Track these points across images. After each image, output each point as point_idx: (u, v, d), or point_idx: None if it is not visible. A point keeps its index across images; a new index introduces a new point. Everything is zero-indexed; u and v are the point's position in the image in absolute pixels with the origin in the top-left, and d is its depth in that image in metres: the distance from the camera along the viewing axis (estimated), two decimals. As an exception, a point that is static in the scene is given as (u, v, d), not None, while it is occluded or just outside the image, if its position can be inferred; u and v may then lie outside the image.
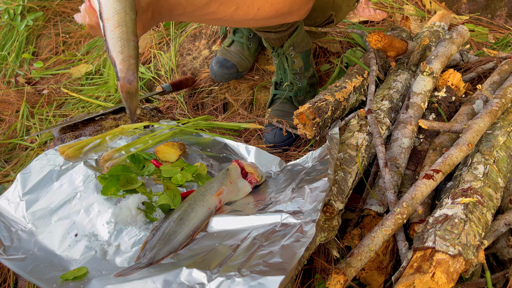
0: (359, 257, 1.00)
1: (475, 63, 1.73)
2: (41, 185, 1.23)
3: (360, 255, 1.00)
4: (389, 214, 1.06)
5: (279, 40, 1.53)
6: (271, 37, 1.49)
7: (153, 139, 1.41)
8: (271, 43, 1.56)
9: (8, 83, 2.31)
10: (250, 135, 1.69)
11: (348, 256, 1.00)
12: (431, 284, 0.88)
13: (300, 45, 1.58)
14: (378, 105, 1.43)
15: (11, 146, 1.84)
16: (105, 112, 1.60)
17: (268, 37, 1.50)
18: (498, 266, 1.16)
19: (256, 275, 0.84)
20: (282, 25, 1.42)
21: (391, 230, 1.04)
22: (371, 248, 1.01)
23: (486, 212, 1.04)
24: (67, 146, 1.33)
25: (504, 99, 1.30)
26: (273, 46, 1.57)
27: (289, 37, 1.52)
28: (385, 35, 1.46)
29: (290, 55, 1.58)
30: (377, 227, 1.04)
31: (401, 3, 2.36)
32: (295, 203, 1.03)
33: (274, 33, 1.47)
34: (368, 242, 1.02)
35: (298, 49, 1.59)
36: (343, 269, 0.97)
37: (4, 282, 1.21)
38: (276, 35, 1.48)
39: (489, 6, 2.28)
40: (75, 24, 2.60)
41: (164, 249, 1.01)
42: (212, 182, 1.18)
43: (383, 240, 1.03)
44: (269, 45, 1.58)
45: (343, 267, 0.97)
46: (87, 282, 0.95)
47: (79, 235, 1.10)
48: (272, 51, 1.60)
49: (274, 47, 1.58)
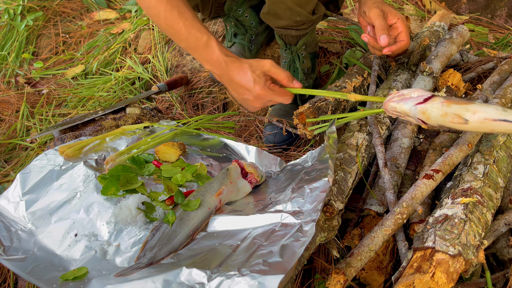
0: (359, 257, 1.00)
1: (475, 63, 1.73)
2: (41, 185, 1.23)
3: (360, 255, 1.00)
4: (389, 214, 1.06)
5: (296, 38, 1.55)
6: (292, 34, 1.51)
7: (154, 140, 1.41)
8: (287, 40, 1.58)
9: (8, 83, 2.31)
10: (250, 135, 1.69)
11: (348, 256, 1.00)
12: (431, 284, 0.88)
13: (311, 46, 1.62)
14: (378, 105, 1.43)
15: (11, 146, 1.84)
16: (105, 112, 1.60)
17: (288, 33, 1.52)
18: (498, 266, 1.16)
19: (256, 275, 0.85)
20: (304, 23, 1.45)
21: (391, 230, 1.04)
22: (371, 248, 1.01)
23: (486, 212, 1.04)
24: (67, 146, 1.33)
25: (504, 99, 1.30)
26: (287, 43, 1.59)
27: (304, 36, 1.55)
28: (385, 35, 1.46)
29: (301, 54, 1.61)
30: (377, 227, 1.04)
31: (401, 3, 2.36)
32: (295, 203, 1.03)
33: (295, 30, 1.49)
34: (368, 242, 1.02)
35: (309, 49, 1.62)
36: (343, 269, 0.97)
37: (4, 282, 1.21)
38: (296, 32, 1.50)
39: (489, 6, 2.28)
40: (75, 24, 2.60)
41: (164, 249, 1.01)
42: (212, 182, 1.18)
43: (383, 240, 1.03)
44: (284, 42, 1.59)
45: (343, 267, 0.97)
46: (87, 282, 0.95)
47: (79, 235, 1.10)
48: (285, 48, 1.61)
49: (288, 45, 1.60)
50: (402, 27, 1.25)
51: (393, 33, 1.27)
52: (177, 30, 1.18)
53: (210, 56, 1.19)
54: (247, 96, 1.19)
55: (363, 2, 1.30)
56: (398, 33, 1.27)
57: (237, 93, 1.22)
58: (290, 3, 1.34)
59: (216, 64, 1.19)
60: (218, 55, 1.18)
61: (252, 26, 1.79)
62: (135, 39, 2.29)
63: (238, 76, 1.17)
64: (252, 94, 1.17)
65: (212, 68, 1.21)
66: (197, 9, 1.64)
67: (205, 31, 1.18)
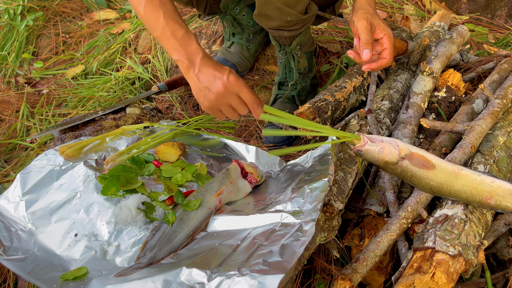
0: (365, 263, 0.99)
1: (475, 63, 1.73)
2: (41, 185, 1.23)
3: (366, 261, 0.99)
4: (393, 219, 1.05)
5: (290, 38, 1.55)
6: (284, 35, 1.51)
7: (154, 140, 1.41)
8: (281, 41, 1.58)
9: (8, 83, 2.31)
10: (250, 135, 1.69)
11: (354, 262, 0.99)
12: (431, 284, 0.88)
13: (306, 45, 1.61)
14: (378, 105, 1.43)
15: (11, 146, 1.84)
16: (105, 112, 1.60)
17: (281, 35, 1.51)
18: (498, 266, 1.16)
19: (256, 274, 0.85)
20: (296, 24, 1.44)
21: (396, 235, 1.03)
22: (376, 254, 1.01)
23: (486, 212, 1.04)
24: (67, 146, 1.33)
25: (505, 99, 1.30)
26: (281, 44, 1.59)
27: (297, 36, 1.54)
28: (385, 35, 1.46)
29: (296, 54, 1.61)
30: (382, 231, 1.04)
31: (401, 3, 2.36)
32: (295, 203, 1.03)
33: (287, 31, 1.48)
34: (374, 247, 1.01)
35: (304, 49, 1.61)
36: (349, 275, 0.96)
37: (4, 282, 1.21)
38: (288, 33, 1.50)
39: (489, 6, 2.28)
40: (75, 24, 2.60)
41: (164, 249, 1.01)
42: (212, 182, 1.18)
43: (388, 245, 1.03)
44: (278, 43, 1.60)
45: (349, 273, 0.96)
46: (87, 282, 0.95)
47: (79, 235, 1.10)
48: (280, 49, 1.61)
49: (282, 46, 1.60)
50: (387, 43, 1.20)
51: (378, 48, 1.22)
52: (156, 18, 1.19)
53: (186, 47, 1.19)
54: (215, 84, 1.18)
55: (355, 10, 1.26)
56: (382, 49, 1.22)
57: (203, 81, 1.20)
58: (278, 3, 1.33)
59: (189, 55, 1.20)
60: (196, 47, 1.20)
61: (249, 25, 1.78)
62: (135, 39, 2.29)
63: (213, 67, 1.19)
64: (220, 83, 1.17)
65: (182, 58, 1.20)
66: (192, 4, 1.63)
67: (184, 26, 1.21)
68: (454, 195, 1.01)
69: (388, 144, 0.99)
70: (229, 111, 1.22)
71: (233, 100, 1.20)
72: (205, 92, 1.20)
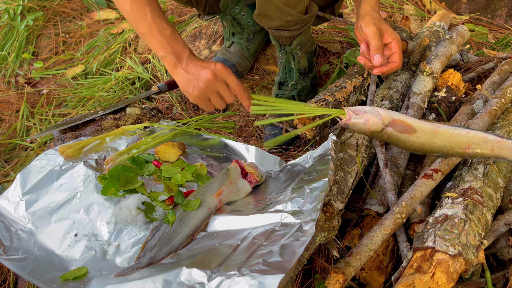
0: (358, 257, 0.99)
1: (475, 63, 1.73)
2: (41, 185, 1.23)
3: (359, 255, 1.00)
4: (388, 214, 1.06)
5: (290, 38, 1.55)
6: (284, 35, 1.51)
7: (154, 140, 1.41)
8: (281, 41, 1.58)
9: (8, 83, 2.31)
10: (250, 135, 1.69)
11: (347, 256, 1.00)
12: (431, 284, 0.88)
13: (306, 45, 1.62)
14: (378, 105, 1.43)
15: (11, 146, 1.84)
16: (105, 112, 1.60)
17: (281, 34, 1.52)
18: (498, 266, 1.16)
19: (256, 274, 0.85)
20: (296, 24, 1.45)
21: (390, 229, 1.03)
22: (370, 248, 1.01)
23: (486, 212, 1.04)
24: (67, 146, 1.33)
25: (504, 99, 1.30)
26: (281, 44, 1.59)
27: (298, 36, 1.54)
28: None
29: (296, 54, 1.61)
30: (376, 226, 1.04)
31: (401, 3, 2.36)
32: (295, 203, 1.03)
33: (288, 31, 1.49)
34: (367, 242, 1.02)
35: (304, 49, 1.62)
36: (342, 268, 0.96)
37: (4, 282, 1.21)
38: (289, 33, 1.50)
39: (489, 6, 2.28)
40: (75, 24, 2.60)
41: (164, 249, 1.01)
42: (212, 182, 1.18)
43: (382, 240, 1.03)
44: (278, 43, 1.60)
45: (342, 266, 0.97)
46: (87, 282, 0.95)
47: (79, 235, 1.10)
48: (280, 49, 1.62)
49: (282, 45, 1.60)
50: (396, 48, 1.24)
51: (387, 52, 1.25)
52: (143, 15, 1.20)
53: (173, 44, 1.22)
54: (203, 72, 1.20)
55: (361, 16, 1.27)
56: (391, 53, 1.25)
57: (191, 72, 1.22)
58: (279, 3, 1.34)
59: (177, 52, 1.22)
60: (183, 45, 1.23)
61: (249, 25, 1.78)
62: (135, 39, 2.29)
63: (200, 61, 1.22)
64: (208, 70, 1.19)
65: (169, 55, 1.22)
66: (191, 4, 1.63)
67: (171, 25, 1.23)
68: (436, 151, 1.12)
69: (371, 114, 1.11)
70: (218, 99, 1.24)
71: (221, 87, 1.22)
72: (194, 82, 1.22)
